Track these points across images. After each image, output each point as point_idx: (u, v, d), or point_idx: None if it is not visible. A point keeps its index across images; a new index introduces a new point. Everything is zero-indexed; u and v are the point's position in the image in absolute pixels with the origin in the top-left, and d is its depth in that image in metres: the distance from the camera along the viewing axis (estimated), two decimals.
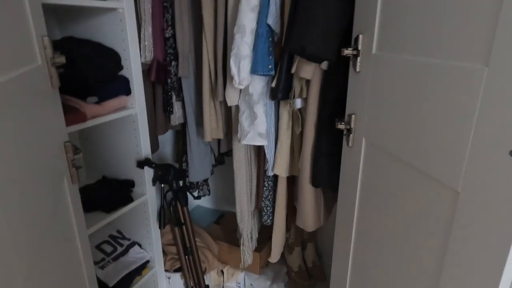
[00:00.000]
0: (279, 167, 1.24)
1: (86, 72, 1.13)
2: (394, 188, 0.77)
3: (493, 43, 0.50)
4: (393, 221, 0.78)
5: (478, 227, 0.55)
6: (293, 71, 1.06)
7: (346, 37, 0.93)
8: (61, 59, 0.71)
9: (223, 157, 1.71)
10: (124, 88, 1.27)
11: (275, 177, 1.32)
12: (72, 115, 1.07)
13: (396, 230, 0.78)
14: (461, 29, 0.56)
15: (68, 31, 1.33)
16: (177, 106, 1.47)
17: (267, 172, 1.29)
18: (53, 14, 1.33)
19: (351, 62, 0.90)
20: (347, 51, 0.87)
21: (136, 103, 1.30)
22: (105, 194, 1.37)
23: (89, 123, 1.14)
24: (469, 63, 0.55)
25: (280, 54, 1.11)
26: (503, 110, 0.49)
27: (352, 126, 0.92)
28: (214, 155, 1.63)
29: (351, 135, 0.93)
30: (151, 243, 1.52)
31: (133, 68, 1.26)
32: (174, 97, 1.43)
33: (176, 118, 1.49)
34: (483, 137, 0.53)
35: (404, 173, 0.73)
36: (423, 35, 0.65)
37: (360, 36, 0.85)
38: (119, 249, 1.48)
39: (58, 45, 1.21)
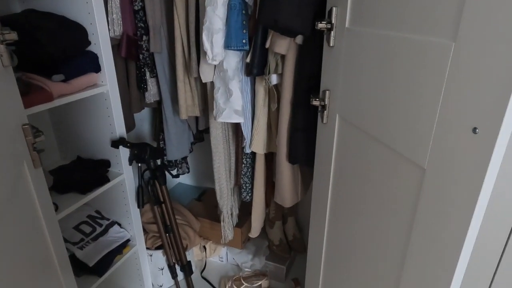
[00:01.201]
0: (256, 144, 1.23)
1: (49, 47, 1.07)
2: (366, 164, 0.78)
3: (461, 19, 0.49)
4: (365, 196, 0.80)
5: (442, 202, 0.56)
6: (267, 45, 1.03)
7: (321, 10, 0.90)
8: (12, 36, 0.66)
9: (202, 134, 1.69)
10: (93, 64, 1.21)
11: (253, 154, 1.31)
12: (36, 94, 1.02)
13: (367, 204, 0.79)
14: (431, 2, 0.54)
15: (29, 4, 1.24)
16: (151, 83, 1.42)
17: (244, 149, 1.28)
18: None
19: (325, 36, 0.87)
20: (321, 25, 0.85)
21: (107, 80, 1.24)
22: (80, 174, 1.34)
23: (56, 102, 1.08)
24: (437, 38, 0.54)
25: (255, 28, 1.07)
26: (468, 87, 0.49)
27: (326, 103, 0.91)
28: (193, 133, 1.60)
29: (325, 111, 0.92)
30: (131, 222, 1.51)
31: (102, 43, 1.19)
32: (147, 74, 1.38)
33: (151, 95, 1.45)
34: (448, 114, 0.53)
35: (375, 150, 0.73)
36: (394, 9, 0.63)
37: (334, 9, 0.82)
38: (98, 229, 1.47)
39: (18, 19, 1.14)
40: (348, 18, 0.79)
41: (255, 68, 1.08)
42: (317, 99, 0.93)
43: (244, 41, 1.06)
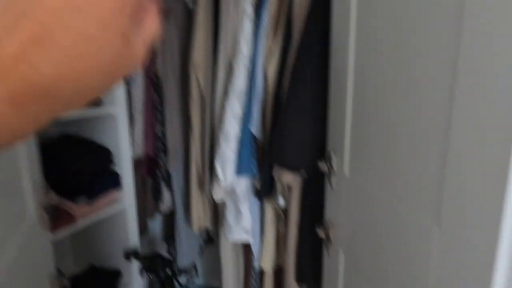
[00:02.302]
0: (265, 260, 1.26)
1: (73, 169, 1.19)
2: None
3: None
4: None
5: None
6: (274, 175, 1.13)
7: (322, 147, 1.01)
8: (51, 197, 0.76)
9: (211, 238, 1.72)
10: (115, 182, 1.32)
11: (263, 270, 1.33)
12: (62, 219, 1.11)
13: None
14: (414, 176, 0.63)
15: (64, 129, 1.40)
16: (166, 194, 1.51)
17: (253, 266, 1.31)
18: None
19: (326, 177, 0.96)
20: (322, 166, 0.94)
21: (126, 198, 1.34)
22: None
23: (80, 224, 1.17)
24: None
25: (263, 154, 1.18)
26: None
27: (330, 235, 0.96)
28: (203, 238, 1.64)
29: (330, 244, 0.97)
30: None
31: (124, 164, 1.32)
32: (163, 186, 1.48)
33: (165, 204, 1.53)
34: None
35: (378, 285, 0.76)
36: (387, 173, 0.72)
37: (333, 155, 0.92)
38: None
39: (54, 144, 1.28)
40: (346, 166, 0.88)
41: (264, 191, 1.17)
42: (322, 229, 0.99)
43: (253, 168, 1.17)
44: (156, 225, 1.93)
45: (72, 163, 1.21)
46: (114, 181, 1.32)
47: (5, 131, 0.18)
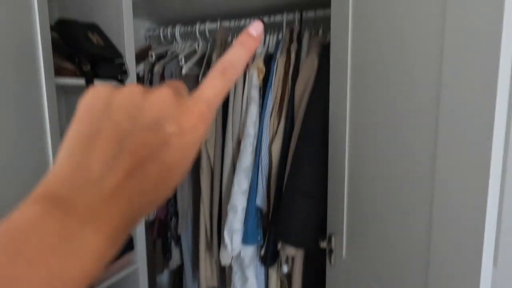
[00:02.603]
0: None
1: None
2: None
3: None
4: None
5: None
6: (278, 247, 1.21)
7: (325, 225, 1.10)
8: None
9: None
10: (129, 246, 1.40)
11: None
12: None
13: None
14: (400, 267, 0.72)
15: None
16: (175, 252, 1.59)
17: None
18: None
19: (327, 255, 1.05)
20: (323, 245, 1.03)
21: (139, 259, 1.42)
22: None
23: None
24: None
25: (268, 224, 1.27)
26: None
27: None
28: None
29: None
30: None
31: (138, 228, 1.41)
32: (173, 246, 1.57)
33: (174, 262, 1.60)
34: None
35: None
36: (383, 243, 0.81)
37: (332, 237, 1.01)
38: None
39: None
40: (344, 249, 0.97)
41: (269, 259, 1.25)
42: None
43: (259, 238, 1.25)
44: (164, 279, 1.99)
45: None
46: (128, 245, 1.40)
47: (100, 263, 0.18)
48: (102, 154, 0.20)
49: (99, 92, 0.22)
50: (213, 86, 0.24)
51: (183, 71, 1.41)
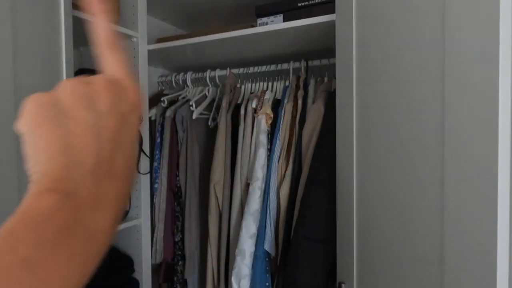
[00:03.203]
0: None
1: (98, 275, 1.26)
2: None
3: None
4: None
5: None
6: None
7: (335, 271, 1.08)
8: None
9: None
10: None
11: None
12: None
13: None
14: None
15: None
16: None
17: None
18: None
19: None
20: None
21: None
22: None
23: None
24: None
25: (276, 269, 1.25)
26: None
27: None
28: None
29: None
30: None
31: (144, 271, 1.39)
32: None
33: None
34: None
35: None
36: None
37: (343, 286, 0.99)
38: None
39: None
40: None
41: None
42: None
43: (267, 284, 1.23)
44: None
45: (97, 270, 1.28)
46: None
47: (110, 239, 0.24)
48: (88, 149, 0.22)
49: (36, 99, 0.23)
50: (118, 62, 0.27)
51: (194, 115, 1.46)
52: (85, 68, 1.30)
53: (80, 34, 1.36)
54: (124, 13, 1.40)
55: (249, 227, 1.23)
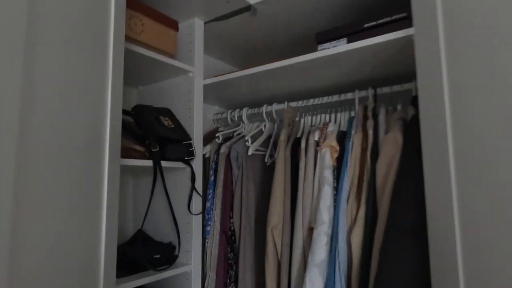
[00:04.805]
0: None
1: None
2: None
3: None
4: None
5: None
6: None
7: None
8: None
9: None
10: None
11: None
12: None
13: None
14: None
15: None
16: None
17: None
18: None
19: None
20: None
21: None
22: None
23: None
24: None
25: None
26: None
27: None
28: None
29: None
30: None
31: None
32: None
33: None
34: None
35: None
36: None
37: None
38: None
39: None
40: None
41: None
42: None
43: None
44: None
45: None
46: None
47: None
48: None
49: None
50: None
51: (250, 152, 1.35)
52: (141, 105, 1.28)
53: (138, 72, 1.37)
54: (181, 49, 1.40)
55: (314, 281, 1.02)
